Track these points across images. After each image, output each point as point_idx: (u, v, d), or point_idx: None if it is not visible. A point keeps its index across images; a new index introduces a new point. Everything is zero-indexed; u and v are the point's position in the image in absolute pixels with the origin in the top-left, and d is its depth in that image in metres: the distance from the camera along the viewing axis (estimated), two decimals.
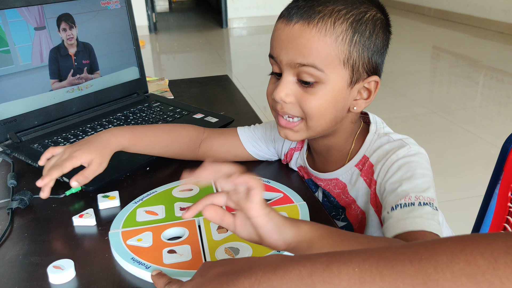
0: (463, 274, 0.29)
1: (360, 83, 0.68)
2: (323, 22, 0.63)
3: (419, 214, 0.59)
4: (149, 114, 1.09)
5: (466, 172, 2.22)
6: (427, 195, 0.61)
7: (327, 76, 0.65)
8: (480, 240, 0.30)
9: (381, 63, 0.69)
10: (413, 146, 0.69)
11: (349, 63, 0.65)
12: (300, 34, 0.64)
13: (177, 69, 4.33)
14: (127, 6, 1.16)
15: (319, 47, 0.64)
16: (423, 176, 0.64)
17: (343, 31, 0.64)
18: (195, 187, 0.78)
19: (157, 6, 7.12)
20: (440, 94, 3.51)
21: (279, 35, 0.67)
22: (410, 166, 0.66)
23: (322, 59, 0.64)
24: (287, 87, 0.67)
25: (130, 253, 0.61)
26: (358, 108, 0.70)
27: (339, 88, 0.66)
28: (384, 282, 0.32)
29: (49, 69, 1.02)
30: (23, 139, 0.96)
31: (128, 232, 0.66)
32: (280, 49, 0.66)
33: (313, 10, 0.64)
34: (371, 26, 0.66)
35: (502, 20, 5.02)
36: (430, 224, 0.58)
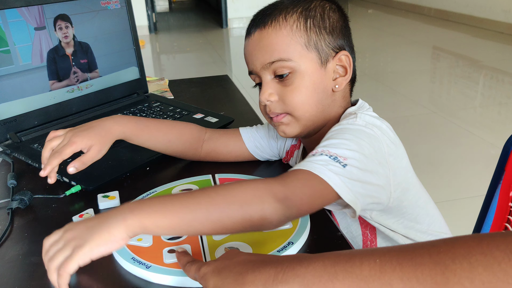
0: (479, 265, 0.30)
1: (331, 62, 0.71)
2: (275, 20, 0.70)
3: (309, 160, 0.58)
4: (149, 114, 1.09)
5: (466, 172, 2.22)
6: (334, 151, 0.59)
7: (297, 63, 0.69)
8: (496, 235, 0.32)
9: (345, 42, 0.72)
10: (361, 120, 0.66)
11: (311, 45, 0.69)
12: (260, 38, 0.71)
13: (177, 69, 4.33)
14: (127, 6, 1.16)
15: (278, 41, 0.69)
16: (346, 139, 0.61)
17: (295, 20, 0.69)
18: (195, 187, 0.78)
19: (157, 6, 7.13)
20: (440, 94, 3.51)
21: (247, 50, 0.74)
22: (340, 131, 0.64)
23: (285, 50, 0.69)
24: (268, 87, 0.72)
25: (131, 253, 0.61)
26: (339, 86, 0.72)
27: (312, 71, 0.70)
28: (404, 272, 0.34)
29: (48, 70, 1.02)
30: (23, 139, 0.96)
31: None
32: (251, 59, 0.73)
33: (265, 16, 0.71)
34: (320, 10, 0.71)
35: (502, 20, 5.02)
36: (313, 167, 0.56)
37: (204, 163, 0.89)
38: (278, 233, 0.63)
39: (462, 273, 0.31)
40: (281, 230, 0.64)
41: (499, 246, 0.31)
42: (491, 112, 3.04)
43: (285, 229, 0.64)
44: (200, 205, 0.53)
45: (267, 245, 0.61)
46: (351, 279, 0.37)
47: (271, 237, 0.63)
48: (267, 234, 0.63)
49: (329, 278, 0.38)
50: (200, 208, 0.52)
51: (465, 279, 0.31)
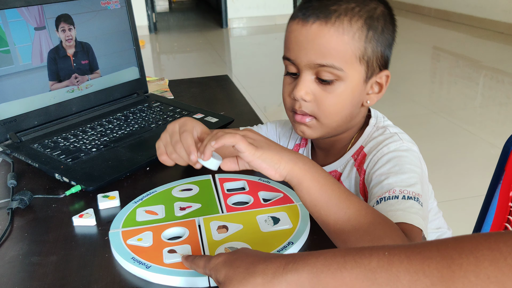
0: (486, 259, 0.31)
1: (373, 78, 0.70)
2: (340, 20, 0.65)
3: (402, 207, 0.59)
4: (149, 114, 1.09)
5: (466, 172, 2.22)
6: (412, 189, 0.61)
7: (346, 73, 0.66)
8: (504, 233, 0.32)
9: (390, 56, 0.71)
10: (406, 142, 0.69)
11: (364, 59, 0.67)
12: (319, 34, 0.65)
13: (177, 69, 4.33)
14: (127, 6, 1.16)
15: (338, 46, 0.65)
16: (411, 171, 0.64)
17: (359, 28, 0.65)
18: (195, 187, 0.78)
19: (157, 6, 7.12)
20: (440, 95, 3.51)
21: (296, 36, 0.67)
22: (399, 161, 0.66)
23: (340, 58, 0.65)
24: (306, 85, 0.68)
25: (131, 252, 0.61)
26: (371, 102, 0.72)
27: (356, 84, 0.68)
28: (411, 264, 0.34)
29: (48, 71, 1.02)
30: (23, 139, 0.96)
31: (129, 232, 0.65)
32: (299, 51, 0.67)
33: (328, 9, 0.65)
34: (382, 22, 0.68)
35: (502, 20, 5.02)
36: (412, 218, 0.58)
37: None
38: (278, 233, 0.63)
39: (468, 267, 0.32)
40: (281, 230, 0.64)
41: (506, 242, 0.31)
42: (491, 112, 3.04)
43: (285, 229, 0.64)
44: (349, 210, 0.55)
45: (267, 245, 0.61)
46: (359, 269, 0.37)
47: (271, 237, 0.63)
48: (267, 234, 0.63)
49: (338, 267, 0.38)
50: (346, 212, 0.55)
51: (471, 272, 0.31)
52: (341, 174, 0.76)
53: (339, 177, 0.76)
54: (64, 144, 0.94)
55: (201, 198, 0.74)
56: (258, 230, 0.64)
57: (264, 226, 0.65)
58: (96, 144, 0.93)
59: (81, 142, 0.94)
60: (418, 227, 0.58)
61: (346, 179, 0.75)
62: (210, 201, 0.73)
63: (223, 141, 0.57)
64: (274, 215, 0.67)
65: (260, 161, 0.57)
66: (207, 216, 0.68)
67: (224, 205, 0.72)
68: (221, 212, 0.69)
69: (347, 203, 0.55)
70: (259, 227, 0.65)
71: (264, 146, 0.58)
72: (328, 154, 0.79)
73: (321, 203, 0.56)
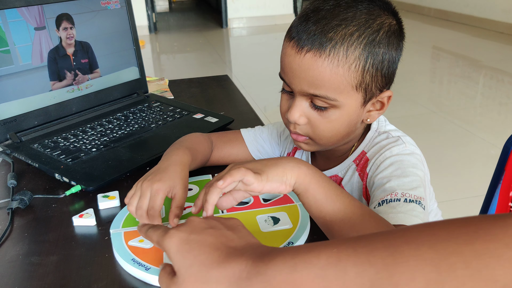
0: (425, 244, 0.33)
1: (373, 100, 0.68)
2: (335, 51, 0.61)
3: (404, 210, 0.59)
4: (149, 114, 1.09)
5: (466, 172, 2.22)
6: (414, 193, 0.61)
7: (340, 102, 0.65)
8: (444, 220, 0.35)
9: (395, 71, 0.69)
10: (409, 145, 0.69)
11: (361, 86, 0.64)
12: (312, 65, 0.62)
13: (177, 69, 4.33)
14: (127, 6, 1.16)
15: (331, 79, 0.62)
16: (414, 175, 0.64)
17: (356, 58, 0.62)
18: (195, 187, 0.78)
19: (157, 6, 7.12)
20: (440, 94, 3.51)
21: (289, 62, 0.65)
22: (401, 164, 0.66)
23: (334, 89, 0.63)
24: (300, 109, 0.67)
25: (131, 254, 0.61)
26: (371, 119, 0.70)
27: (353, 110, 0.66)
28: (358, 257, 0.36)
29: (48, 70, 1.02)
30: (23, 139, 0.96)
31: (131, 233, 0.65)
32: (292, 78, 0.65)
33: (324, 36, 0.61)
34: (385, 44, 0.64)
35: (502, 20, 5.02)
36: (414, 221, 0.58)
37: None
38: (278, 233, 0.63)
39: (409, 252, 0.34)
40: (281, 230, 0.64)
41: (445, 227, 0.34)
42: (491, 112, 3.04)
43: (285, 229, 0.64)
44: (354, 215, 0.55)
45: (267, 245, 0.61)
46: (309, 269, 0.38)
47: (271, 237, 0.63)
48: (267, 234, 0.63)
49: (288, 270, 0.39)
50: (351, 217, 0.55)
51: (412, 257, 0.33)
52: (342, 179, 0.75)
53: (340, 182, 0.76)
54: (64, 144, 0.94)
55: None
56: (258, 230, 0.64)
57: (264, 226, 0.65)
58: (96, 144, 0.93)
59: (81, 142, 0.94)
60: None
61: (348, 184, 0.74)
62: None
63: (231, 178, 0.55)
64: (274, 215, 0.67)
65: (270, 184, 0.56)
66: None
67: None
68: (221, 212, 0.69)
69: (353, 208, 0.55)
70: (259, 227, 0.65)
71: (264, 168, 0.56)
72: (329, 159, 0.79)
73: (327, 209, 0.55)
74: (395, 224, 0.57)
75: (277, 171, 0.56)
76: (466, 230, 0.33)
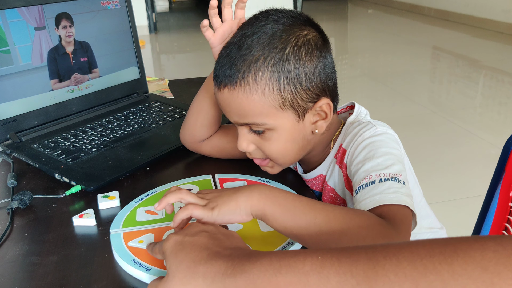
0: (405, 260, 0.35)
1: (310, 112, 0.68)
2: (245, 81, 0.64)
3: (379, 191, 0.59)
4: (149, 114, 1.09)
5: (466, 172, 2.22)
6: (389, 171, 0.61)
7: (271, 124, 0.67)
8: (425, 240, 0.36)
9: (325, 79, 0.68)
10: (380, 127, 0.69)
11: (286, 105, 0.65)
12: (230, 99, 0.66)
13: (177, 69, 4.33)
14: (127, 6, 1.16)
15: (250, 106, 0.65)
16: (386, 153, 0.64)
17: (267, 82, 0.63)
18: (195, 186, 0.78)
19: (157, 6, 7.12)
20: (440, 94, 3.51)
21: (217, 100, 0.70)
22: (373, 145, 0.66)
23: (258, 115, 0.66)
24: (245, 138, 0.70)
25: (131, 254, 0.60)
26: (320, 129, 0.70)
27: (290, 127, 0.68)
28: (341, 267, 0.37)
29: (48, 70, 1.02)
30: (23, 139, 0.96)
31: (130, 234, 0.65)
32: (224, 111, 0.70)
33: (234, 68, 0.64)
34: (295, 59, 0.64)
35: (502, 20, 5.02)
36: (392, 198, 0.57)
37: (204, 163, 0.89)
38: (277, 233, 0.63)
39: (390, 267, 0.35)
40: None
41: (425, 246, 0.35)
42: (491, 112, 3.04)
43: None
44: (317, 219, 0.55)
45: (267, 245, 0.61)
46: (293, 273, 0.40)
47: (271, 236, 0.63)
48: (267, 234, 0.63)
49: (273, 272, 0.41)
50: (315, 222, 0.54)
51: (391, 272, 0.35)
52: (326, 176, 0.76)
53: (324, 180, 0.77)
54: (64, 144, 0.94)
55: None
56: (258, 230, 0.64)
57: (264, 226, 0.65)
58: (96, 144, 0.93)
59: (81, 142, 0.94)
60: (401, 204, 0.57)
61: (330, 179, 0.75)
62: None
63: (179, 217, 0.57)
64: None
65: (221, 217, 0.56)
66: None
67: None
68: None
69: (313, 213, 0.55)
70: (259, 227, 0.65)
71: (218, 200, 0.57)
72: (311, 160, 0.79)
73: (289, 223, 0.55)
74: (373, 207, 0.57)
75: (230, 205, 0.57)
76: (445, 249, 0.34)
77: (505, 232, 0.81)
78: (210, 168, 0.85)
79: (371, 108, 0.71)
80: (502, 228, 0.81)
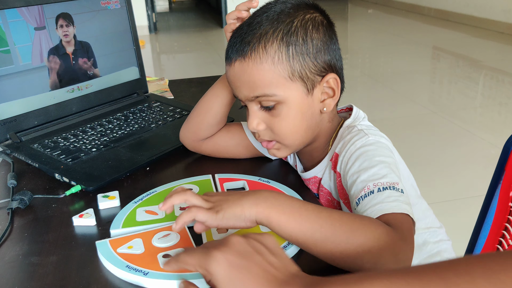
0: (479, 277, 0.34)
1: (318, 87, 0.69)
2: (255, 50, 0.66)
3: (379, 200, 0.59)
4: (149, 114, 1.09)
5: (466, 172, 2.22)
6: (386, 180, 0.61)
7: (282, 96, 0.67)
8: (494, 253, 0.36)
9: (332, 58, 0.70)
10: (372, 136, 0.69)
11: (295, 76, 0.67)
12: (241, 71, 0.68)
13: (177, 69, 4.33)
14: (127, 6, 1.16)
15: (260, 76, 0.66)
16: (381, 163, 0.64)
17: (276, 50, 0.66)
18: (195, 186, 0.78)
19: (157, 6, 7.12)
20: (440, 94, 3.51)
21: (228, 76, 0.72)
22: (367, 155, 0.66)
23: (268, 85, 0.67)
24: (255, 116, 0.71)
25: (124, 261, 0.59)
26: (328, 107, 0.71)
27: (299, 101, 0.68)
28: None
29: (48, 70, 1.02)
30: (23, 139, 0.96)
31: (116, 241, 0.64)
32: (235, 88, 0.71)
33: (244, 43, 0.67)
34: (302, 33, 0.67)
35: (502, 20, 5.02)
36: (392, 206, 0.58)
37: (204, 163, 0.89)
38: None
39: (465, 285, 0.34)
40: None
41: (497, 261, 0.34)
42: (491, 112, 3.04)
43: None
44: (323, 228, 0.54)
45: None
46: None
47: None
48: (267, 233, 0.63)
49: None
50: (321, 231, 0.54)
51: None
52: (321, 179, 0.77)
53: (319, 182, 0.77)
54: (64, 144, 0.94)
55: None
56: (258, 230, 0.64)
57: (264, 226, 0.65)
58: (96, 144, 0.93)
59: (81, 142, 0.94)
60: (402, 213, 0.57)
61: (326, 183, 0.76)
62: None
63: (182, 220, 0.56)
64: None
65: (225, 222, 0.56)
66: None
67: None
68: None
69: (319, 221, 0.54)
70: (259, 227, 0.65)
71: (223, 204, 0.56)
72: (310, 159, 0.80)
73: (295, 231, 0.55)
74: (378, 216, 0.57)
75: (235, 210, 0.56)
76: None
77: (505, 232, 0.81)
78: (210, 168, 0.85)
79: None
80: (502, 228, 0.81)
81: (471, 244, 0.86)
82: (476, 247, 0.84)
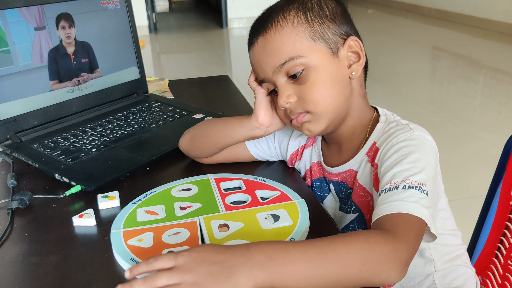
0: None
1: (342, 50, 0.70)
2: (275, 21, 0.69)
3: (400, 197, 0.58)
4: (149, 114, 1.09)
5: (466, 172, 2.22)
6: (415, 178, 0.60)
7: (308, 58, 0.68)
8: None
9: (349, 27, 0.72)
10: (417, 131, 0.68)
11: (317, 36, 0.68)
12: (264, 44, 0.70)
13: (177, 69, 4.33)
14: (127, 6, 1.16)
15: (284, 41, 0.68)
16: (418, 160, 0.63)
17: (294, 16, 0.68)
18: (194, 187, 0.78)
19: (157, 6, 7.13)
20: (440, 94, 3.51)
21: (253, 58, 0.73)
22: (406, 150, 0.65)
23: (292, 48, 0.68)
24: (285, 89, 0.70)
25: (130, 253, 0.61)
26: (356, 72, 0.71)
27: (326, 62, 0.69)
28: None
29: (49, 70, 1.02)
30: (23, 139, 0.96)
31: (130, 232, 0.65)
32: (261, 67, 0.71)
33: (263, 21, 0.71)
34: (316, 0, 0.70)
35: (502, 20, 5.02)
36: (410, 207, 0.56)
37: (203, 163, 0.89)
38: (280, 230, 0.63)
39: None
40: (283, 227, 0.64)
41: None
42: (491, 112, 3.04)
43: (286, 226, 0.64)
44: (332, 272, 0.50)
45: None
46: None
47: (273, 234, 0.63)
48: (268, 231, 0.63)
49: None
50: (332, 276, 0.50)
51: None
52: (357, 173, 0.74)
53: (355, 176, 0.75)
54: (64, 144, 0.94)
55: (201, 197, 0.74)
56: (259, 228, 0.64)
57: (265, 224, 0.65)
58: (96, 144, 0.93)
59: (81, 142, 0.94)
60: (417, 216, 0.56)
61: (362, 177, 0.73)
62: (210, 201, 0.73)
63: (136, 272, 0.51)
64: (273, 213, 0.68)
65: None
66: (207, 215, 0.68)
67: (223, 204, 0.72)
68: (221, 211, 0.69)
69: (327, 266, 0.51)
70: (259, 225, 0.65)
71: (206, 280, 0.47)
72: (341, 151, 0.78)
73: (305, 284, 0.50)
74: (392, 213, 0.56)
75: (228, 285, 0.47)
76: None
77: (506, 231, 0.81)
78: (209, 169, 0.85)
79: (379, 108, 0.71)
80: (503, 227, 0.81)
81: (472, 243, 0.86)
82: (477, 245, 0.84)
